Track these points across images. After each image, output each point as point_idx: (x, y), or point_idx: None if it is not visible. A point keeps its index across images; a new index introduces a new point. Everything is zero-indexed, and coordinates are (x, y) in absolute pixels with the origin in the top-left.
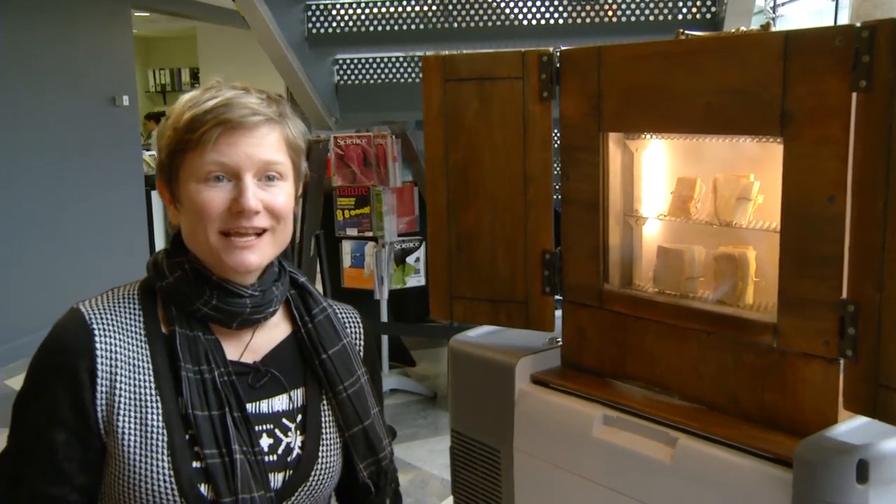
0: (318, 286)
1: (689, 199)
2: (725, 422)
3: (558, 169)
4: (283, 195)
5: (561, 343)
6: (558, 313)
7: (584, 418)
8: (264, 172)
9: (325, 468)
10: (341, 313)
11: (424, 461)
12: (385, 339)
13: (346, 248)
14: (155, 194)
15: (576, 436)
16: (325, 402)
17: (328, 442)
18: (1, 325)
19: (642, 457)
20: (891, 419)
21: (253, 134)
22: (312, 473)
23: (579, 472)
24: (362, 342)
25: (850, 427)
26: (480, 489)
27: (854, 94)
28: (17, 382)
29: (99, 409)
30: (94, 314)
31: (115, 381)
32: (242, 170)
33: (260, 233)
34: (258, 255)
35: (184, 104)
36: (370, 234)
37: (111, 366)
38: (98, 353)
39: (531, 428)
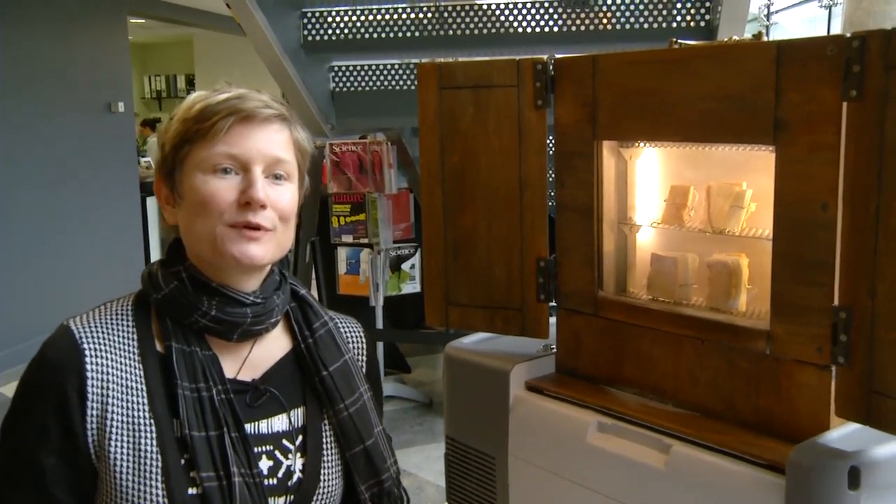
0: (314, 293)
1: (683, 206)
2: (719, 428)
3: (553, 176)
4: (289, 195)
5: (556, 350)
6: (553, 320)
7: (578, 425)
8: (272, 169)
9: (327, 492)
10: (343, 327)
11: (420, 467)
12: (381, 345)
13: (342, 254)
14: (151, 200)
15: (570, 442)
16: (325, 421)
17: (329, 464)
18: None
19: (636, 463)
20: (883, 425)
21: (265, 128)
22: (314, 498)
23: (574, 478)
24: (365, 357)
25: (843, 433)
26: (475, 495)
27: (845, 103)
28: (10, 390)
29: (89, 431)
30: (85, 332)
31: (107, 403)
32: (252, 162)
33: (265, 228)
34: (263, 249)
35: (193, 99)
36: (366, 240)
37: (102, 387)
38: (88, 373)
39: (526, 434)
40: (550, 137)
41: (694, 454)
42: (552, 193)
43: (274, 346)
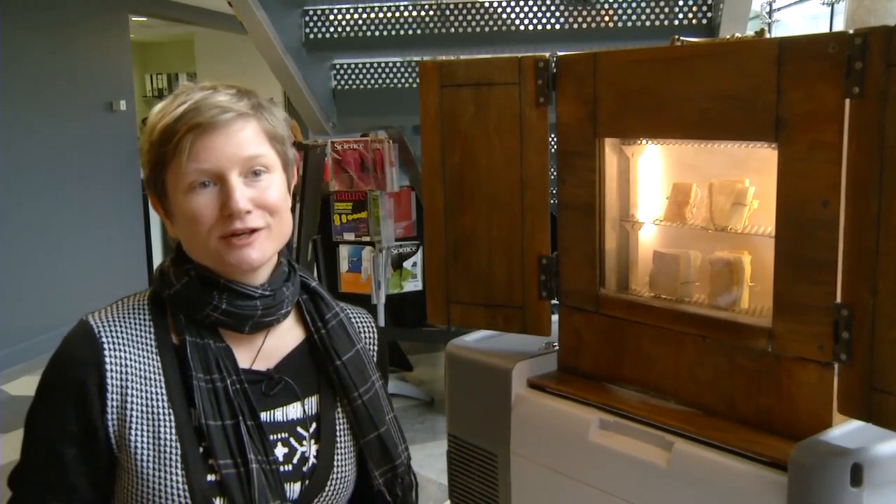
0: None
1: (685, 204)
2: (721, 425)
3: (555, 174)
4: (274, 187)
5: (557, 347)
6: (555, 318)
7: (580, 422)
8: (249, 169)
9: (341, 477)
10: (355, 318)
11: (422, 466)
12: None
13: (344, 252)
14: None
15: (572, 440)
16: (339, 409)
17: (343, 450)
18: None
19: (638, 461)
20: (885, 423)
21: (227, 132)
22: (328, 483)
23: (576, 476)
24: (376, 347)
25: (845, 431)
26: (477, 493)
27: (847, 100)
28: (14, 388)
29: (109, 422)
30: (104, 326)
31: (127, 394)
32: (225, 171)
33: (256, 230)
34: (258, 250)
35: (156, 115)
36: (367, 238)
37: (122, 379)
38: (108, 365)
39: (528, 432)
40: (552, 135)
41: (696, 452)
42: (554, 191)
43: (287, 336)
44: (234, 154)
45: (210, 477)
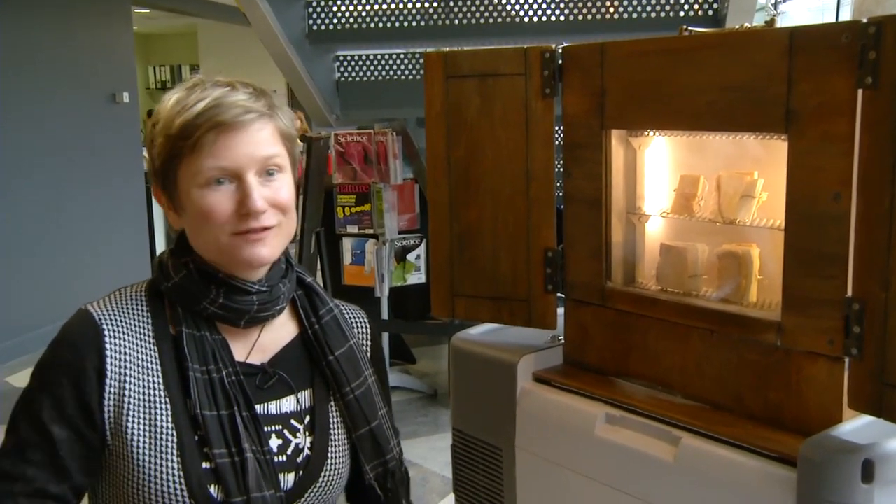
0: (319, 283)
1: (693, 196)
2: (729, 421)
3: (560, 166)
4: (286, 187)
5: (563, 341)
6: (561, 311)
7: (586, 417)
8: (264, 168)
9: (335, 469)
10: (348, 314)
11: (425, 458)
12: (385, 336)
13: (347, 245)
14: None
15: (578, 434)
16: (332, 403)
17: (336, 443)
18: (1, 322)
19: (645, 456)
20: None
21: (248, 132)
22: (322, 474)
23: (582, 471)
24: (369, 343)
25: (855, 426)
26: (482, 487)
27: (860, 91)
28: (17, 380)
29: (106, 409)
30: (104, 315)
31: (125, 381)
32: (244, 170)
33: (268, 228)
34: (270, 247)
35: (171, 107)
36: (371, 231)
37: (121, 366)
38: (108, 352)
39: (533, 426)
40: (558, 127)
41: (704, 447)
42: (559, 184)
43: (282, 331)
44: (254, 154)
45: (205, 465)
